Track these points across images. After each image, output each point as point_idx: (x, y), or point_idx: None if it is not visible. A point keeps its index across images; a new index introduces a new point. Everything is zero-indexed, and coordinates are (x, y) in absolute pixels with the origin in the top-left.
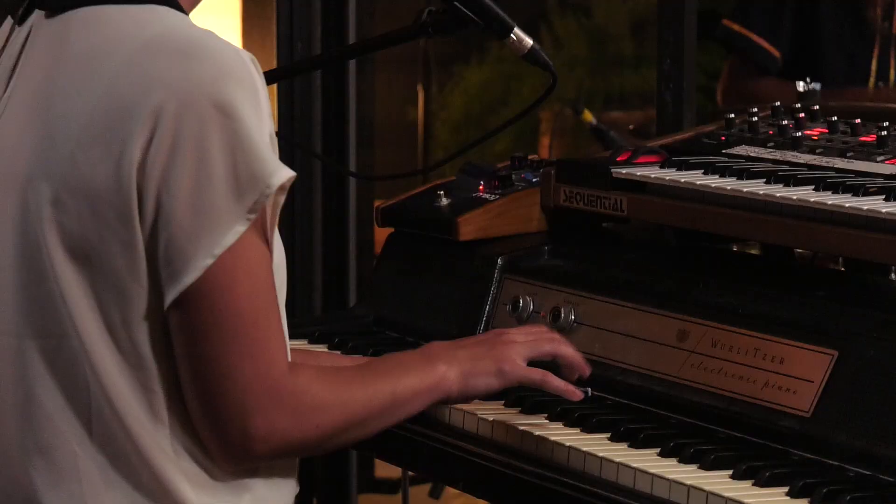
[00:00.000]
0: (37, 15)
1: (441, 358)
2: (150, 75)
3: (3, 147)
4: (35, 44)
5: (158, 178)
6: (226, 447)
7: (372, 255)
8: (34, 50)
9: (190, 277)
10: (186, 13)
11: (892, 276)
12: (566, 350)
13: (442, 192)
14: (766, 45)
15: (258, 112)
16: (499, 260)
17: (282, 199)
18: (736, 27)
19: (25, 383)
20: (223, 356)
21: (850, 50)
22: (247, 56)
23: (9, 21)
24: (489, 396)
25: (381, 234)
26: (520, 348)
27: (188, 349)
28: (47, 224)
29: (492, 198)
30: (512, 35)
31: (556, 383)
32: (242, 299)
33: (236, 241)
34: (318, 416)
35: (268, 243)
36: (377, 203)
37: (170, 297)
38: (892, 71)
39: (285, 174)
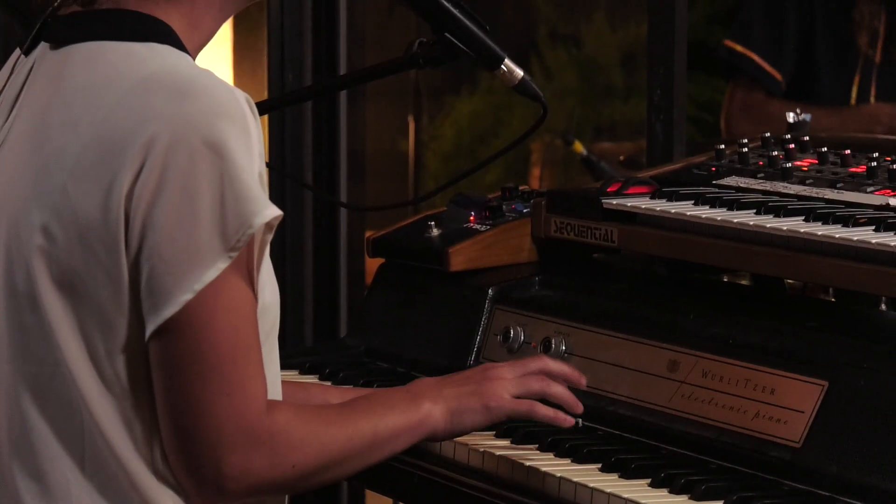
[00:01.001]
0: (42, 47)
1: (426, 396)
2: (144, 111)
3: (1, 176)
4: (38, 75)
5: (144, 210)
6: (199, 484)
7: (363, 286)
8: (36, 82)
9: (169, 311)
10: (189, 53)
11: (883, 306)
12: (556, 389)
13: (433, 223)
14: (768, 67)
15: (249, 151)
16: (490, 290)
17: (269, 237)
18: (739, 48)
19: (20, 410)
20: (199, 392)
21: (835, 74)
22: (242, 96)
23: (16, 52)
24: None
25: (372, 264)
26: (508, 385)
27: (165, 383)
28: (36, 253)
29: (483, 228)
30: (503, 66)
31: (545, 412)
32: (221, 336)
33: (217, 277)
34: (294, 456)
35: (252, 282)
36: (368, 233)
37: (149, 329)
38: (871, 99)
39: (270, 213)
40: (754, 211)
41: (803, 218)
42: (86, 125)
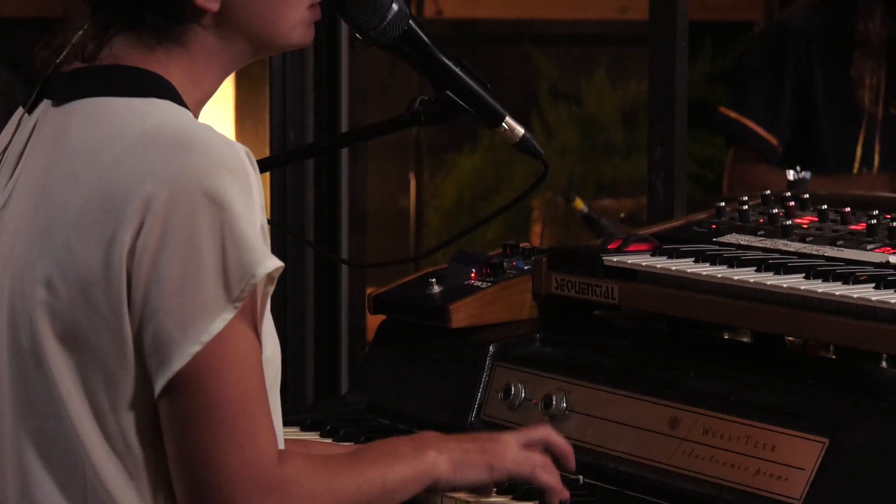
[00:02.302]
0: (44, 104)
1: (431, 445)
2: (144, 165)
3: (5, 233)
4: (41, 133)
5: (148, 265)
6: None
7: (364, 342)
8: (39, 139)
9: (178, 364)
10: (190, 109)
11: (883, 363)
12: (545, 478)
13: (434, 280)
14: (764, 133)
15: (249, 203)
16: (490, 347)
17: (270, 289)
18: (734, 115)
19: (23, 465)
20: (211, 444)
21: (838, 134)
22: (241, 149)
23: (20, 110)
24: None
25: (374, 321)
26: (511, 442)
27: (176, 436)
28: (40, 307)
29: (483, 285)
30: (504, 124)
31: (545, 477)
32: (231, 387)
33: (224, 328)
34: None
35: (257, 333)
36: (369, 290)
37: (159, 384)
38: (876, 157)
39: (272, 264)
40: (755, 268)
41: (804, 275)
42: (87, 181)
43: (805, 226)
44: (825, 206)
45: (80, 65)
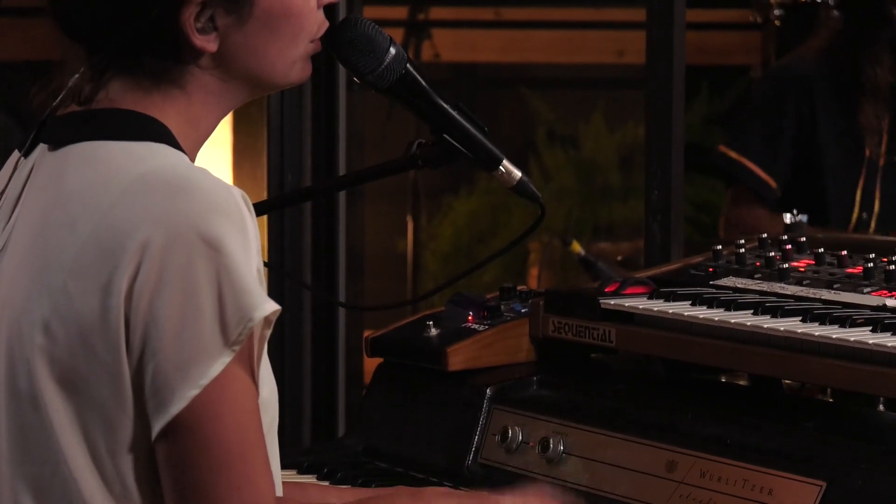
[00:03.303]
0: (41, 148)
1: (430, 500)
2: (139, 210)
3: (4, 278)
4: (37, 177)
5: (145, 310)
6: None
7: (361, 385)
8: (36, 183)
9: (176, 408)
10: (187, 150)
11: (881, 407)
12: (552, 502)
13: (431, 323)
14: (762, 174)
15: (246, 246)
16: (488, 390)
17: (268, 332)
18: (733, 155)
19: None
20: (210, 488)
21: (839, 178)
22: (237, 192)
23: (15, 154)
24: None
25: (371, 364)
26: (509, 501)
27: (175, 481)
28: (37, 351)
29: (481, 328)
30: (501, 167)
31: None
32: (229, 431)
33: (222, 372)
34: None
35: (254, 376)
36: (366, 333)
37: (157, 428)
38: (876, 202)
39: (269, 307)
40: (751, 311)
41: (800, 318)
42: (83, 225)
43: (802, 269)
44: (822, 250)
45: (76, 108)
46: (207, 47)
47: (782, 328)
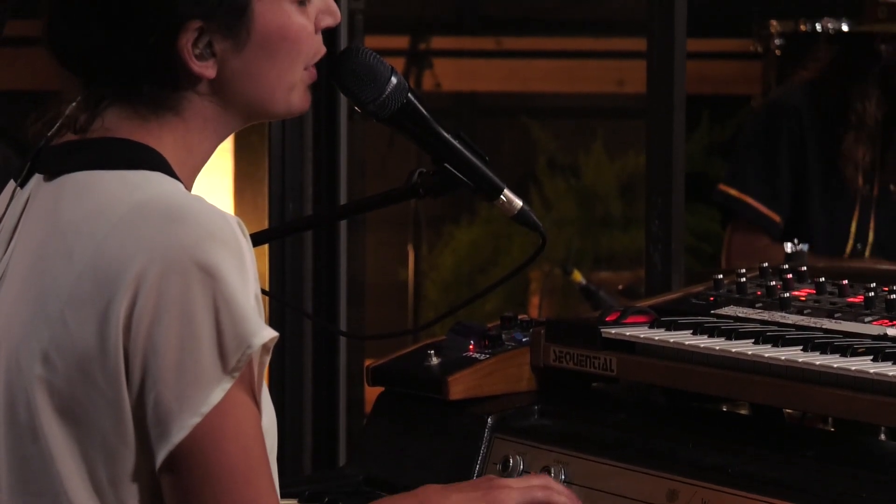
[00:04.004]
0: (36, 178)
1: (433, 500)
2: (135, 239)
3: (1, 309)
4: (33, 207)
5: (144, 339)
6: None
7: (362, 414)
8: (32, 213)
9: (178, 436)
10: (184, 178)
11: (882, 436)
12: (560, 499)
13: (432, 352)
14: (765, 209)
15: (242, 273)
16: (489, 419)
17: (267, 359)
18: (734, 193)
19: None
20: None
21: (832, 210)
22: (233, 220)
23: (11, 184)
24: None
25: (372, 392)
26: (514, 493)
27: None
28: (37, 382)
29: (482, 357)
30: (502, 196)
31: (556, 499)
32: (233, 456)
33: (223, 398)
34: None
35: (256, 401)
36: (368, 362)
37: (160, 457)
38: (871, 233)
39: (267, 335)
40: (752, 340)
41: (801, 348)
42: (80, 255)
43: (803, 298)
44: (823, 279)
45: (72, 137)
46: (205, 73)
47: (783, 357)
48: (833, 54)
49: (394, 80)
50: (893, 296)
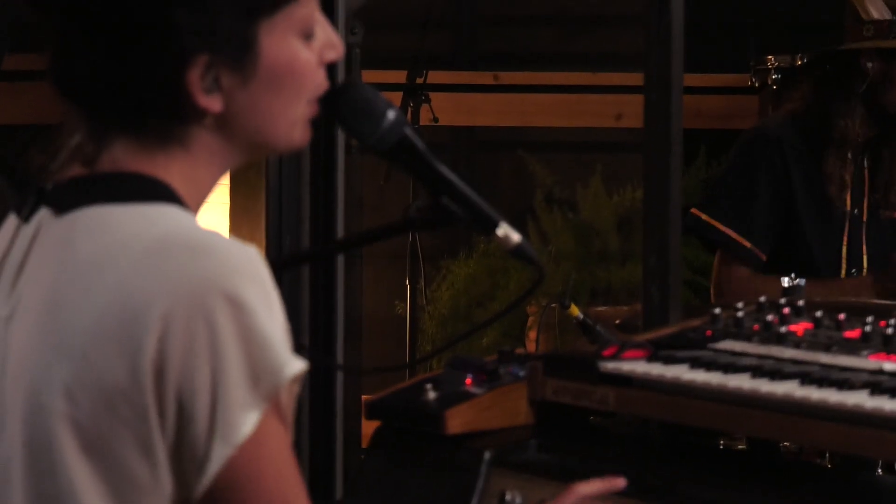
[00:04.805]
0: (44, 213)
1: None
2: (159, 274)
3: (14, 349)
4: (42, 243)
5: (174, 374)
6: None
7: (359, 449)
8: (41, 250)
9: (213, 469)
10: (192, 210)
11: (879, 471)
12: (589, 487)
13: (429, 386)
14: (735, 235)
15: (269, 304)
16: (486, 454)
17: (297, 388)
18: (704, 217)
19: None
20: None
21: (822, 237)
22: (253, 251)
23: (12, 218)
24: None
25: (369, 427)
26: None
27: None
28: (60, 420)
29: (479, 392)
30: (499, 230)
31: (589, 487)
32: (270, 483)
33: (256, 429)
34: None
35: (287, 428)
36: (365, 396)
37: (198, 491)
38: (864, 258)
39: (297, 365)
40: (749, 375)
41: (798, 382)
42: (101, 291)
43: (800, 333)
44: (820, 313)
45: (80, 172)
46: (212, 107)
47: (780, 391)
48: (817, 76)
49: (391, 114)
50: (890, 330)
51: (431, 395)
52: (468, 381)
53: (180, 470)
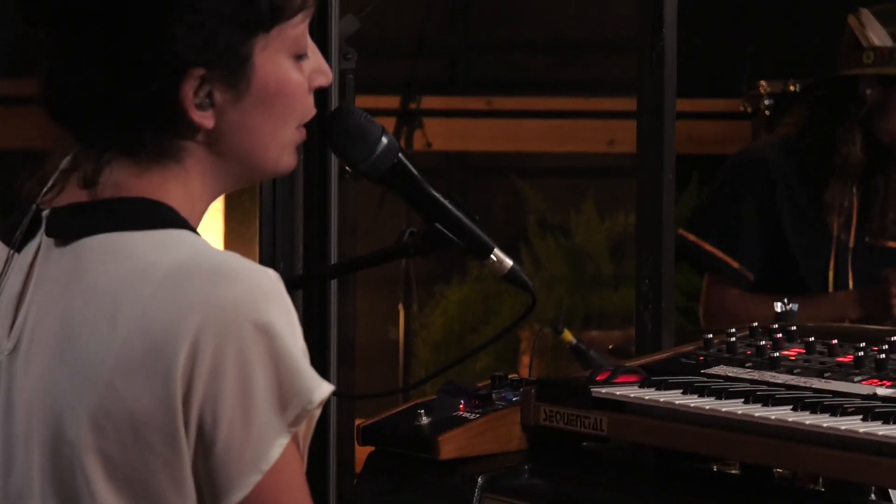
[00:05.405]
0: (42, 242)
1: None
2: (185, 299)
3: (25, 381)
4: (45, 273)
5: (202, 400)
6: None
7: (353, 474)
8: (45, 279)
9: (239, 495)
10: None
11: (872, 496)
12: None
13: (423, 411)
14: (721, 255)
15: (292, 328)
16: (479, 479)
17: (318, 412)
18: (691, 238)
19: None
20: None
21: (809, 260)
22: (274, 274)
23: (1, 247)
24: None
25: (362, 452)
26: None
27: None
28: (87, 450)
29: (472, 417)
30: (492, 256)
31: None
32: None
33: (280, 454)
34: None
35: (299, 451)
36: (358, 421)
37: None
38: (850, 283)
39: (326, 388)
40: (742, 400)
41: (791, 407)
42: (124, 319)
43: (793, 357)
44: (812, 338)
45: (79, 197)
46: (205, 123)
47: (773, 417)
48: (814, 103)
49: (384, 140)
50: (883, 355)
51: (425, 420)
52: (461, 406)
53: (203, 495)
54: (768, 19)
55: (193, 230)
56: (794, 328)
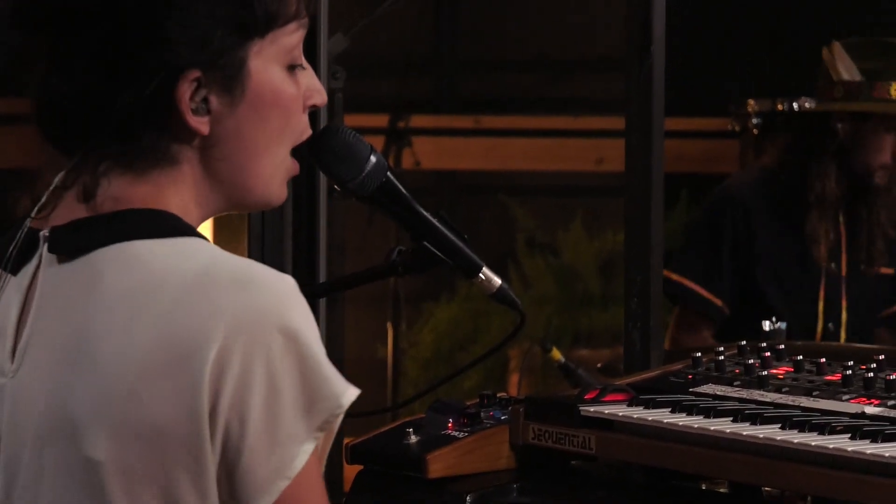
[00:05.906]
0: (45, 261)
1: None
2: (209, 307)
3: (34, 403)
4: (51, 292)
5: (231, 408)
6: None
7: (341, 493)
8: (52, 298)
9: (266, 501)
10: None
11: None
12: None
13: (411, 430)
14: (705, 293)
15: (315, 333)
16: (468, 497)
17: (340, 420)
18: (675, 277)
19: None
20: None
21: (793, 290)
22: (291, 280)
23: None
24: None
25: (350, 471)
26: None
27: None
28: (106, 464)
29: (461, 435)
30: (481, 274)
31: None
32: None
33: (307, 460)
34: None
35: (319, 457)
36: (346, 440)
37: None
38: (843, 312)
39: (353, 393)
40: (731, 418)
41: (779, 426)
42: (145, 328)
43: (781, 376)
44: (801, 357)
45: (80, 213)
46: (200, 129)
47: (762, 435)
48: (791, 135)
49: (373, 158)
50: (871, 374)
51: (413, 438)
52: (450, 424)
53: (228, 501)
54: (756, 38)
55: (203, 237)
56: (782, 347)
